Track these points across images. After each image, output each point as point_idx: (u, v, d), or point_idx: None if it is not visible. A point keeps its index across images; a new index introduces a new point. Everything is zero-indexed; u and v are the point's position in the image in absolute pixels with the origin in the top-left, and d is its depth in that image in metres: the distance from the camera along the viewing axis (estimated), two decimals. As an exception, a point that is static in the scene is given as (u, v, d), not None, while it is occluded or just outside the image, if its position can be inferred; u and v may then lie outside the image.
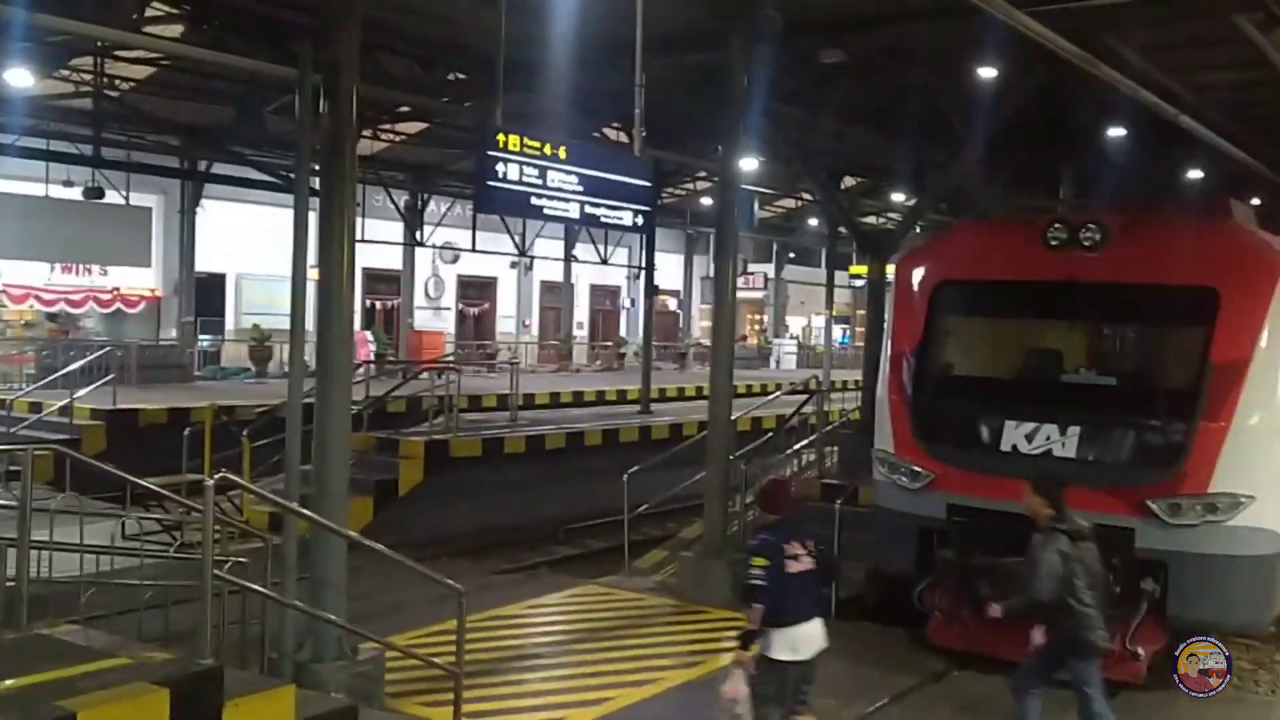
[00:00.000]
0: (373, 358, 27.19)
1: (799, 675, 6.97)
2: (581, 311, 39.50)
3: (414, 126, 23.78)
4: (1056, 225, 10.09)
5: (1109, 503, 9.18)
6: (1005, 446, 9.81)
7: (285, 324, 9.40)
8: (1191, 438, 9.11)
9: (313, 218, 8.12)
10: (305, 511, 7.75)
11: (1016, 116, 14.94)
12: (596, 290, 40.49)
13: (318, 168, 8.41)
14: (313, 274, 8.26)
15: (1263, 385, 9.14)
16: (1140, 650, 9.11)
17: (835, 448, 14.87)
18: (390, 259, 30.76)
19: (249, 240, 28.81)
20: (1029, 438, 9.72)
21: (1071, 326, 11.23)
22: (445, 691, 7.78)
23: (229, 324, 30.48)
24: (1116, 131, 16.77)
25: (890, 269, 14.43)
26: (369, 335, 29.72)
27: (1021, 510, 9.47)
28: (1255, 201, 17.92)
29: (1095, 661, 7.35)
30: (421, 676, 8.41)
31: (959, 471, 9.96)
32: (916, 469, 10.19)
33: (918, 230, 22.83)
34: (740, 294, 41.76)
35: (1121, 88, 11.31)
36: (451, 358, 27.96)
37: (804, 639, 6.92)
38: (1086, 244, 9.87)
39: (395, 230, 28.09)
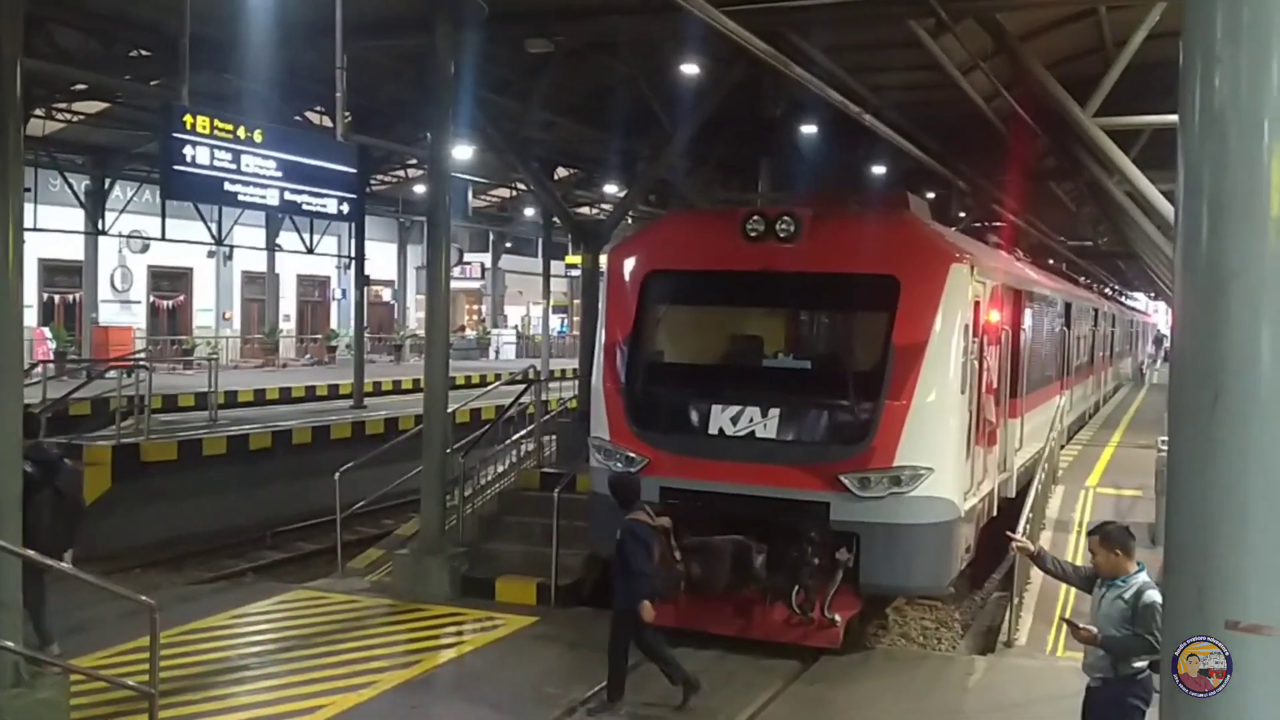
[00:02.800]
0: (52, 356, 24.97)
1: None
2: (288, 303, 37.73)
3: (94, 106, 21.90)
4: (754, 218, 10.56)
5: (807, 479, 9.73)
6: (713, 429, 10.18)
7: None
8: (878, 416, 9.77)
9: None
10: (-33, 529, 6.96)
11: (718, 112, 15.54)
12: (304, 280, 38.80)
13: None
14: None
15: (938, 365, 9.92)
16: (837, 617, 9.71)
17: (554, 437, 14.97)
18: (71, 249, 28.20)
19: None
20: (734, 420, 10.12)
21: (770, 314, 11.81)
22: (140, 713, 7.24)
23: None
24: (809, 128, 17.80)
25: (603, 259, 14.67)
26: (47, 332, 27.24)
27: (729, 490, 9.91)
28: (930, 195, 19.51)
29: None
30: (113, 699, 7.81)
31: (671, 455, 10.25)
32: (631, 454, 10.40)
33: (629, 221, 23.41)
34: (457, 284, 41.58)
35: (811, 87, 11.94)
36: (142, 354, 26.06)
37: None
38: (781, 235, 10.37)
39: (75, 218, 25.84)
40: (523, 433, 14.51)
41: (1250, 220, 2.13)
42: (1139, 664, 5.88)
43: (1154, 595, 5.66)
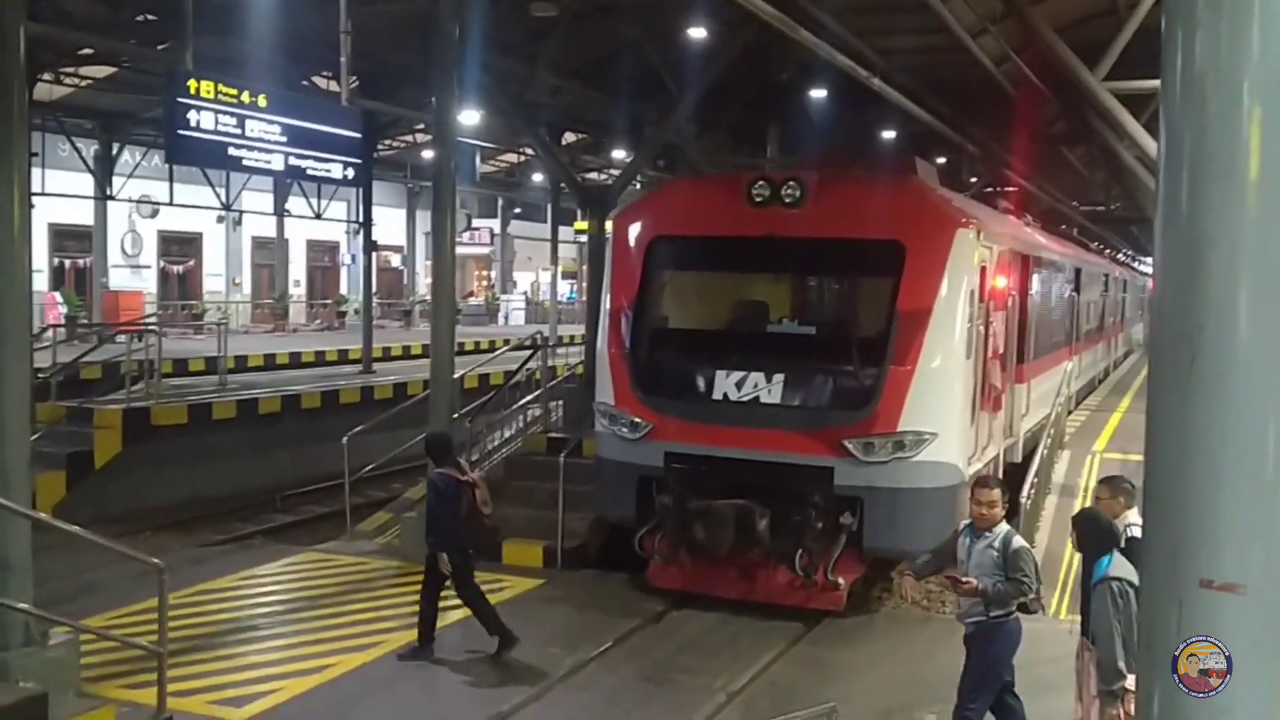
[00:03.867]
0: (63, 321, 25.09)
1: None
2: (298, 268, 37.77)
3: (102, 70, 21.89)
4: (760, 183, 10.55)
5: (811, 444, 9.77)
6: (717, 395, 10.23)
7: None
8: (882, 381, 9.79)
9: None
10: (-22, 491, 7.05)
11: (726, 76, 15.47)
12: (313, 246, 38.82)
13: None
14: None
15: (943, 331, 9.93)
16: (841, 580, 9.79)
17: (560, 402, 15.03)
18: (81, 214, 28.25)
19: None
20: (738, 386, 10.16)
21: (775, 279, 11.82)
22: (149, 672, 7.35)
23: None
24: (818, 93, 17.70)
25: (609, 225, 14.66)
26: (58, 296, 27.35)
27: (733, 455, 9.96)
28: (939, 160, 19.42)
29: None
30: (123, 658, 7.93)
31: (675, 421, 10.30)
32: (636, 420, 10.46)
33: (636, 186, 23.34)
34: (466, 249, 41.54)
35: (819, 51, 11.88)
36: (152, 319, 26.16)
37: None
38: (787, 200, 10.36)
39: (84, 183, 25.87)
40: (529, 398, 14.57)
41: (1229, 185, 2.14)
42: (1007, 608, 6.55)
43: (1019, 541, 6.58)
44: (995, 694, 6.70)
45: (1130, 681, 5.50)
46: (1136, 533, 6.22)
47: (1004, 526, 6.62)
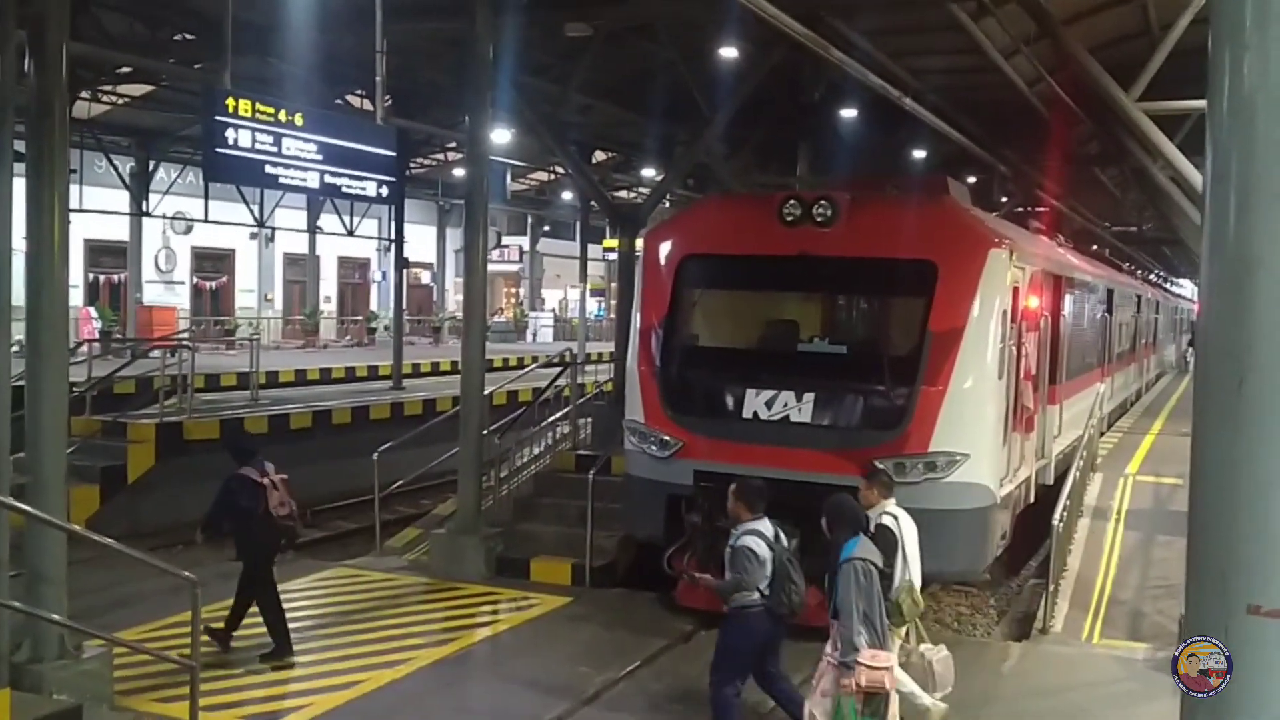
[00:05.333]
0: (97, 335, 25.37)
1: None
2: (329, 285, 38.11)
3: (139, 89, 22.20)
4: (791, 202, 10.53)
5: (841, 464, 9.69)
6: (747, 414, 10.19)
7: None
8: (913, 401, 9.74)
9: (20, 185, 7.44)
10: (15, 503, 7.15)
11: (757, 95, 15.50)
12: (345, 263, 39.16)
13: (25, 131, 7.72)
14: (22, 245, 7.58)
15: (975, 351, 9.87)
16: (870, 601, 9.70)
17: (589, 419, 15.04)
18: (117, 230, 28.62)
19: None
20: (769, 405, 10.13)
21: (806, 298, 11.78)
22: (181, 686, 7.39)
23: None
24: (849, 112, 17.69)
25: (639, 243, 14.69)
26: (93, 311, 27.67)
27: (763, 474, 9.90)
28: (971, 180, 19.35)
29: None
30: (156, 672, 7.98)
31: (705, 439, 10.28)
32: (665, 438, 10.44)
33: (667, 205, 23.40)
34: (495, 267, 41.71)
35: (850, 70, 11.88)
36: (185, 334, 26.42)
37: None
38: (819, 219, 10.34)
39: (120, 199, 26.21)
40: (558, 415, 14.59)
41: (1277, 205, 2.13)
42: (749, 598, 7.19)
43: (742, 541, 7.17)
44: (740, 676, 7.38)
45: (863, 655, 6.31)
46: (888, 521, 7.48)
47: (743, 526, 7.25)
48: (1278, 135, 2.14)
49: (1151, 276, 40.34)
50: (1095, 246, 27.36)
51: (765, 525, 7.28)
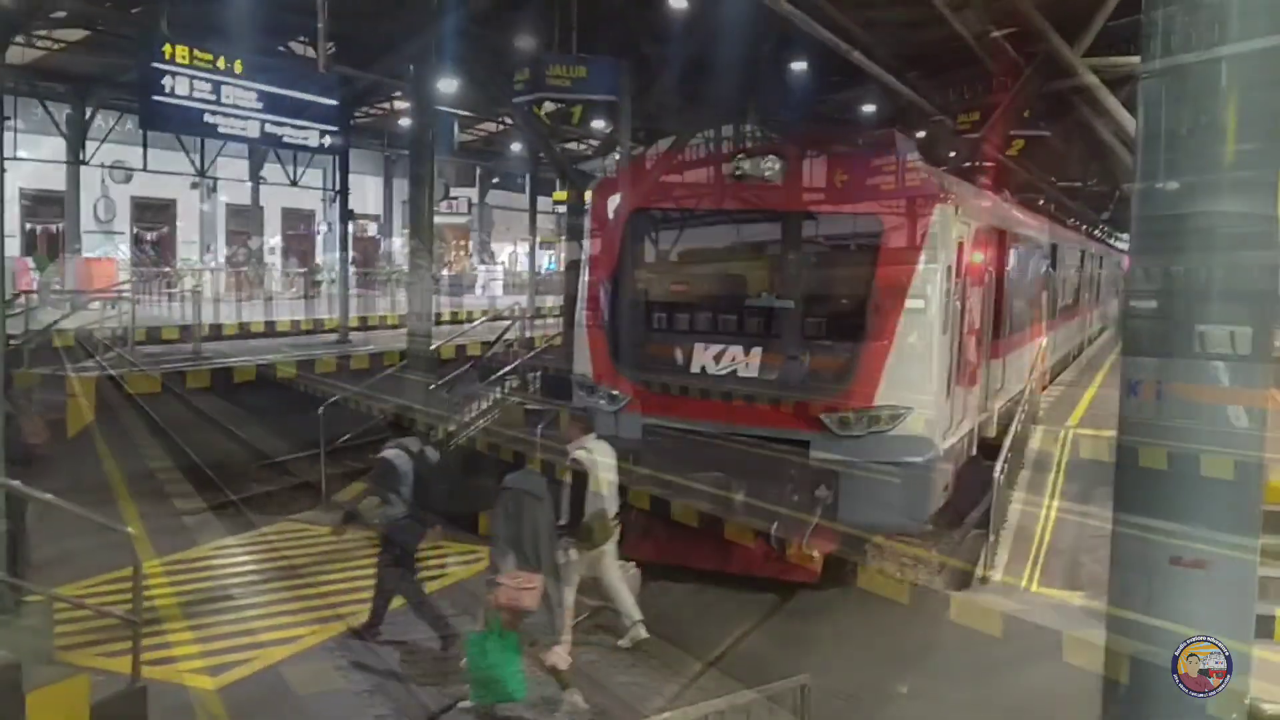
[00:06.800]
0: (35, 287, 24.80)
1: None
2: (273, 236, 37.49)
3: (75, 34, 21.52)
4: (740, 156, 10.51)
5: (787, 418, 9.80)
6: (695, 368, 10.23)
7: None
8: (858, 356, 9.82)
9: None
10: (-51, 459, 6.99)
11: (706, 48, 15.39)
12: (289, 214, 38.44)
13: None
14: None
15: (920, 306, 9.95)
16: (815, 553, 9.84)
17: (537, 373, 14.99)
18: (53, 179, 27.88)
19: None
20: (716, 359, 10.17)
21: (754, 253, 11.79)
22: (123, 641, 7.33)
23: None
24: (799, 66, 17.64)
25: (588, 196, 14.59)
26: (31, 262, 27.00)
27: (710, 428, 9.98)
28: (919, 135, 19.39)
29: None
30: (97, 627, 7.92)
31: (653, 394, 10.31)
32: (614, 392, 10.46)
33: (615, 158, 23.22)
34: (443, 219, 41.24)
35: (800, 23, 11.81)
36: (125, 286, 25.90)
37: None
38: (767, 174, 10.33)
39: (57, 147, 25.51)
40: (506, 369, 14.53)
41: (1203, 163, 2.16)
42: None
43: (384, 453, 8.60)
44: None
45: (504, 576, 6.96)
46: (580, 454, 8.27)
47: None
48: (1207, 95, 2.17)
49: (1096, 232, 40.77)
50: (1041, 202, 27.59)
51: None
